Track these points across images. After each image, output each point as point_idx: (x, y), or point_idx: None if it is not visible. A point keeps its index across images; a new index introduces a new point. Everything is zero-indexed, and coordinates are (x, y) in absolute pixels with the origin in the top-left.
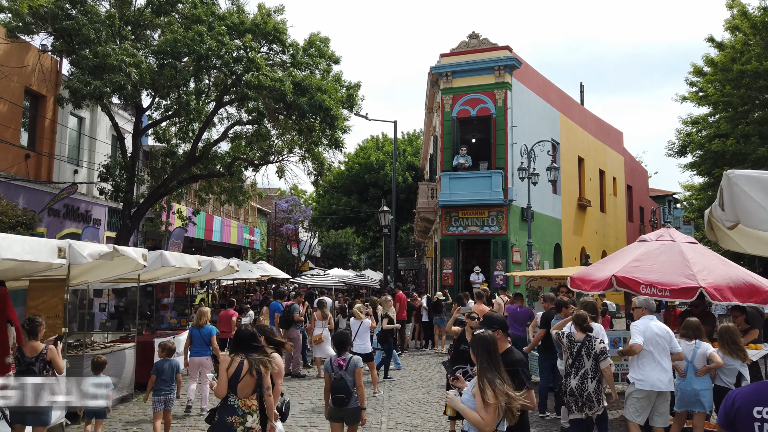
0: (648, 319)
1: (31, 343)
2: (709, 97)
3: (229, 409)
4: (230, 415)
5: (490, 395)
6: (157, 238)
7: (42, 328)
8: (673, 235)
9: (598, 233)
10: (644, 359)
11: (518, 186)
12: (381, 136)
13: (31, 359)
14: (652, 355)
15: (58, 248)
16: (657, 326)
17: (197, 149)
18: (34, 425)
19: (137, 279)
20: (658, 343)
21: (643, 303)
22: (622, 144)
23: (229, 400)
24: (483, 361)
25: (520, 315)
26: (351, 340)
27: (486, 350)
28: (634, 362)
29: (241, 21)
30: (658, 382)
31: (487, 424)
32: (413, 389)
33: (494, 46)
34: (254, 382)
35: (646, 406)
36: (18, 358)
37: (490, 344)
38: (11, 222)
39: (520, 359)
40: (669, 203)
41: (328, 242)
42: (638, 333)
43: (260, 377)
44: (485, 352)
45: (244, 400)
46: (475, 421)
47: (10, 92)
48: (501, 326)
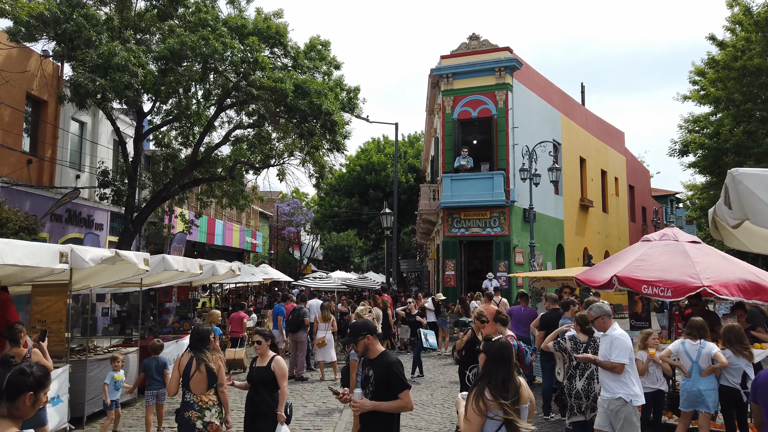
0: (616, 326)
1: (14, 350)
2: (710, 95)
3: (187, 405)
4: (188, 411)
5: (469, 408)
6: (160, 242)
7: (23, 334)
8: (677, 234)
9: (600, 233)
10: (631, 371)
11: (520, 187)
12: (382, 138)
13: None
14: (631, 365)
15: (60, 253)
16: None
17: (198, 153)
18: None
19: (140, 283)
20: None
21: (599, 312)
22: (623, 144)
23: (185, 397)
24: (483, 369)
25: (524, 315)
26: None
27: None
28: (617, 378)
29: (243, 24)
30: (640, 395)
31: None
32: (417, 391)
33: (495, 47)
34: (206, 378)
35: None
36: (4, 364)
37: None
38: (14, 227)
39: (391, 362)
40: (671, 203)
41: (330, 245)
42: (623, 348)
43: (211, 373)
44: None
45: (199, 396)
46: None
47: (11, 98)
48: (369, 332)
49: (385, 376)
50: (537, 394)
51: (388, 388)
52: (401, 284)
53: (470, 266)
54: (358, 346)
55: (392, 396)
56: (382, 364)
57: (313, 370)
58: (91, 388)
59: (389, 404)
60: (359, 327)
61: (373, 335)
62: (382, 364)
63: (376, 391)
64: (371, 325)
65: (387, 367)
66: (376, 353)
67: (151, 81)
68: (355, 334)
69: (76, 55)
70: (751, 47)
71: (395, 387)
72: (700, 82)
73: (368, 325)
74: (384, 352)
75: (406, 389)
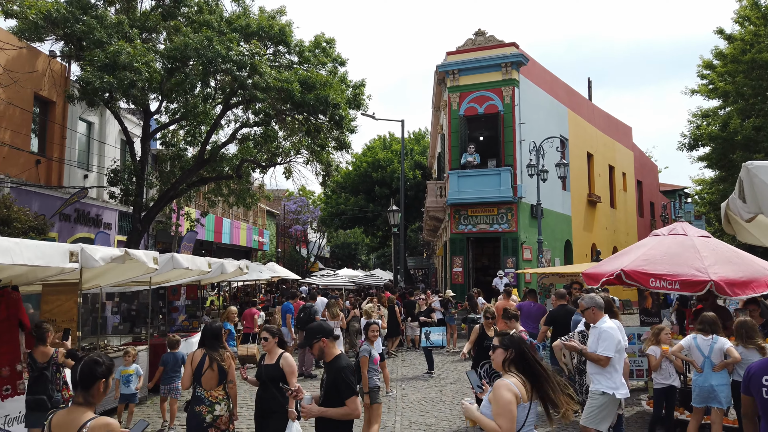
0: (609, 320)
1: (41, 349)
2: (719, 89)
3: (197, 400)
4: (198, 405)
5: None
6: (168, 241)
7: (50, 333)
8: (686, 228)
9: (608, 229)
10: (613, 368)
11: (527, 183)
12: (388, 136)
13: (43, 364)
14: (620, 359)
15: (70, 252)
16: (618, 326)
17: (205, 152)
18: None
19: (149, 282)
20: (622, 347)
21: (590, 302)
22: (631, 139)
23: (196, 391)
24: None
25: (533, 312)
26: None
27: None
28: (602, 371)
29: (248, 24)
30: (623, 388)
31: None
32: (426, 388)
33: (501, 43)
34: (216, 375)
35: (612, 413)
36: (30, 364)
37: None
38: (23, 227)
39: (341, 367)
40: (680, 198)
41: (337, 243)
42: (610, 341)
43: (222, 371)
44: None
45: (209, 391)
46: (492, 429)
47: (19, 98)
48: (324, 334)
49: (334, 381)
50: (359, 400)
51: (337, 393)
52: (408, 281)
53: (478, 263)
54: (314, 349)
55: (341, 402)
56: (333, 369)
57: (322, 367)
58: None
59: (335, 411)
60: (314, 330)
61: (329, 338)
62: (333, 369)
63: (326, 396)
64: (327, 328)
65: (336, 372)
66: (331, 357)
67: (157, 80)
68: (310, 337)
69: (84, 55)
70: (760, 41)
71: (342, 392)
72: (708, 76)
73: (323, 328)
74: (338, 356)
75: (353, 395)
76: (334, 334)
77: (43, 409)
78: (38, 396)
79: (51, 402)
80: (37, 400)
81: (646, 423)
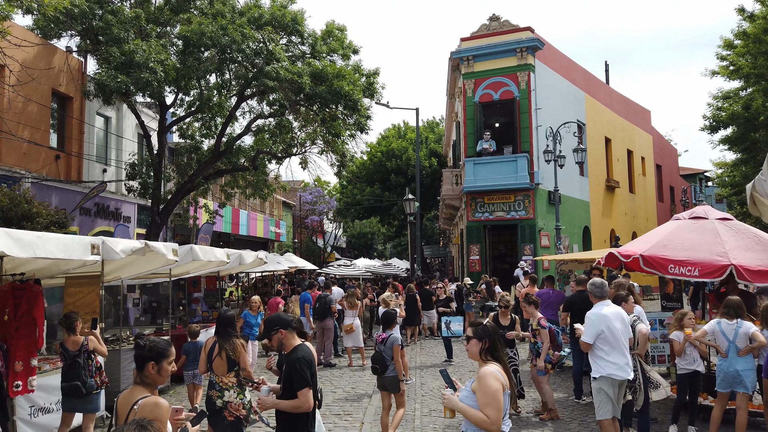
0: (604, 305)
1: (71, 338)
2: (740, 70)
3: (211, 385)
4: (211, 390)
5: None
6: (186, 233)
7: (78, 323)
8: (707, 212)
9: (627, 214)
10: (599, 352)
11: (544, 169)
12: (402, 125)
13: (74, 352)
14: (611, 346)
15: (91, 245)
16: (612, 313)
17: (221, 144)
18: (85, 413)
19: (169, 274)
20: (612, 333)
21: (591, 289)
22: (650, 123)
23: (210, 377)
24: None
25: (552, 298)
26: (396, 319)
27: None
28: (592, 357)
29: (260, 15)
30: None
31: (493, 423)
32: None
33: (516, 27)
34: (225, 363)
35: (617, 397)
36: (62, 353)
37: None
38: (45, 222)
39: (295, 358)
40: (700, 181)
41: (353, 233)
42: (590, 328)
43: (230, 359)
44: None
45: (220, 377)
46: (479, 420)
47: (38, 94)
48: (282, 326)
49: (288, 372)
50: (568, 378)
51: (290, 386)
52: (425, 270)
53: (495, 251)
54: (273, 341)
55: (293, 394)
56: (289, 360)
57: (341, 356)
58: (126, 377)
59: (287, 403)
60: (272, 322)
61: (287, 329)
62: (289, 360)
63: (283, 387)
64: (285, 319)
65: (291, 364)
66: (290, 348)
67: (173, 75)
68: (268, 329)
69: (101, 51)
70: None
71: (295, 384)
72: (728, 57)
73: (281, 319)
74: (296, 347)
75: (305, 387)
76: (293, 324)
77: (78, 394)
78: (73, 382)
79: (85, 387)
80: (72, 386)
81: (669, 409)
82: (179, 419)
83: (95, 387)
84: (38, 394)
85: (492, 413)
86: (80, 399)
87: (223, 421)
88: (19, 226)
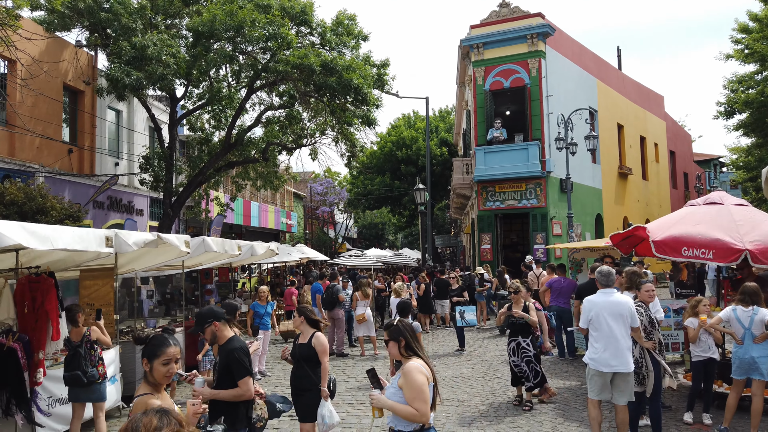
0: (602, 294)
1: (75, 330)
2: (756, 53)
3: None
4: None
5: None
6: (198, 226)
7: (80, 314)
8: (723, 197)
9: (640, 202)
10: (591, 338)
11: (556, 157)
12: (412, 114)
13: (76, 343)
14: (600, 334)
15: (105, 237)
16: (610, 302)
17: (232, 136)
18: (90, 402)
19: (182, 266)
20: (606, 320)
21: (597, 277)
22: (663, 108)
23: None
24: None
25: (564, 287)
26: (411, 308)
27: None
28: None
29: (269, 5)
30: (611, 360)
31: (422, 414)
32: (457, 365)
33: (526, 13)
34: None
35: (605, 383)
36: (66, 344)
37: (407, 332)
38: (59, 215)
39: (233, 348)
40: (715, 167)
41: (364, 223)
42: (582, 313)
43: None
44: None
45: None
46: (409, 413)
47: (49, 89)
48: (215, 318)
49: (226, 363)
50: (581, 366)
51: (229, 375)
52: (436, 260)
53: (506, 240)
54: (206, 334)
55: (233, 383)
56: (225, 351)
57: (354, 345)
58: (140, 369)
59: (227, 393)
60: (204, 314)
61: (220, 321)
62: (225, 351)
63: (219, 378)
64: (218, 312)
65: (229, 353)
66: (224, 339)
67: (183, 68)
68: (201, 321)
69: (111, 45)
70: None
71: (235, 373)
72: (743, 41)
73: (214, 312)
74: (231, 338)
75: (246, 376)
76: (227, 316)
77: (79, 384)
78: (73, 372)
79: (86, 377)
80: (72, 376)
81: (684, 396)
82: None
83: (97, 377)
84: (55, 385)
85: (420, 406)
86: (83, 388)
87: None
88: (34, 220)
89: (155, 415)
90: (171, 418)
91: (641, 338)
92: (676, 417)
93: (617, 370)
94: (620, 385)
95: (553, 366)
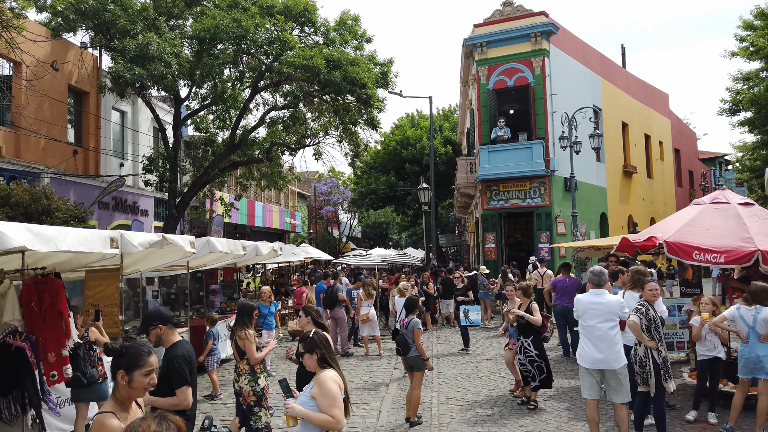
0: (591, 294)
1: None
2: (761, 50)
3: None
4: (234, 373)
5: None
6: (203, 226)
7: (79, 316)
8: (728, 196)
9: (645, 200)
10: (581, 336)
11: (560, 155)
12: (416, 113)
13: (76, 343)
14: (587, 332)
15: (110, 239)
16: (597, 301)
17: (236, 136)
18: (93, 401)
19: (187, 266)
20: (593, 319)
21: (589, 276)
22: (667, 106)
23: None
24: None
25: (569, 286)
26: (418, 305)
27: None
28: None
29: (272, 4)
30: (595, 357)
31: (338, 422)
32: (462, 364)
33: (530, 12)
34: (235, 350)
35: (592, 382)
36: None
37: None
38: (64, 216)
39: (174, 355)
40: (720, 165)
41: (368, 222)
42: (574, 311)
43: (238, 347)
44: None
45: (238, 363)
46: (324, 421)
47: (54, 90)
48: (162, 321)
49: (166, 369)
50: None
51: (168, 383)
52: (441, 259)
53: (510, 239)
54: (150, 336)
55: (171, 391)
56: (167, 357)
57: (359, 345)
58: None
59: (164, 401)
60: (151, 316)
61: (166, 324)
62: (167, 357)
63: (159, 384)
64: (165, 315)
65: (170, 361)
66: (169, 344)
67: (186, 68)
68: (146, 323)
69: (114, 45)
70: None
71: (174, 382)
72: (748, 38)
73: (161, 315)
74: (175, 344)
75: (184, 385)
76: (173, 321)
77: (79, 384)
78: (73, 373)
79: (86, 377)
80: (73, 377)
81: (689, 396)
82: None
83: (96, 377)
84: (63, 385)
85: (337, 413)
86: (83, 389)
87: (241, 406)
88: (39, 221)
89: (154, 420)
90: (170, 423)
91: (643, 337)
92: (681, 416)
93: (602, 366)
94: (612, 383)
95: (558, 365)
